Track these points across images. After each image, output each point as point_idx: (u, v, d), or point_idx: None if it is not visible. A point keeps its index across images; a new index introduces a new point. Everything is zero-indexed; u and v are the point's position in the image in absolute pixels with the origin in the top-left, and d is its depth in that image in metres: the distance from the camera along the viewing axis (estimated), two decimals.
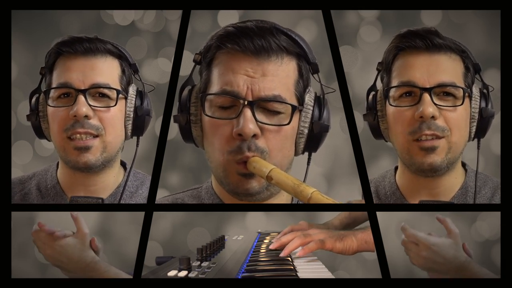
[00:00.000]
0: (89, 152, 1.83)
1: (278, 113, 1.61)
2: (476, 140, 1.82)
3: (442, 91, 1.76)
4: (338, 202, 1.51)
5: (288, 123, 1.62)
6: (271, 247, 1.81)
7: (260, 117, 1.60)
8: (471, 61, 1.79)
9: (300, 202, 1.73)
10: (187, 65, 1.91)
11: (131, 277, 1.73)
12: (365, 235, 1.78)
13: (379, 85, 1.85)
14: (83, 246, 1.67)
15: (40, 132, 1.88)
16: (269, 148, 1.61)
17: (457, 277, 1.66)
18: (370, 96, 1.84)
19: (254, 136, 1.59)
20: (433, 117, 1.74)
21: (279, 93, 1.60)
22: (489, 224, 2.08)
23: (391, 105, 1.79)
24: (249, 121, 1.58)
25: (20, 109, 2.00)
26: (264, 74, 1.60)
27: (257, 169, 1.58)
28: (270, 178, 1.57)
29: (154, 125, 2.01)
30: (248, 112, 1.59)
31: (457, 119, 1.76)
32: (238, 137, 1.59)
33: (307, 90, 1.67)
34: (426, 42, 1.76)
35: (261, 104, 1.60)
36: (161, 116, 1.84)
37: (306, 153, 1.69)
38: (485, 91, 1.81)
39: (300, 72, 1.65)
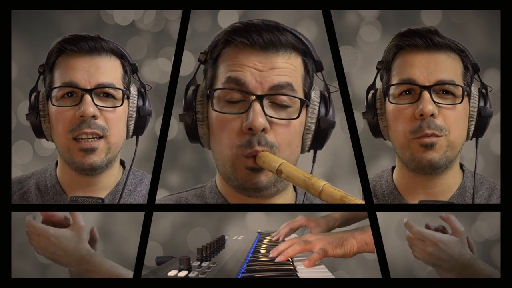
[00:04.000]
0: (95, 153, 1.82)
1: (286, 107, 1.62)
2: (474, 139, 1.83)
3: (441, 89, 1.77)
4: (349, 195, 1.51)
5: (297, 117, 1.62)
6: (271, 255, 1.79)
7: (269, 111, 1.60)
8: (470, 61, 1.80)
9: (306, 202, 1.73)
10: (187, 65, 1.91)
11: (128, 270, 1.72)
12: (365, 236, 1.78)
13: (378, 84, 1.86)
14: (79, 238, 1.67)
15: (40, 132, 1.86)
16: (278, 142, 1.61)
17: (462, 274, 1.66)
18: (370, 95, 1.85)
19: (263, 130, 1.60)
20: (432, 115, 1.75)
21: (291, 81, 1.61)
22: (489, 224, 2.08)
23: (391, 102, 1.80)
24: (258, 115, 1.58)
25: (20, 109, 2.00)
26: (272, 67, 1.60)
27: (267, 164, 1.58)
28: (280, 172, 1.57)
29: (154, 125, 2.01)
30: (257, 106, 1.59)
31: (455, 117, 1.77)
32: (248, 131, 1.59)
33: (313, 87, 1.67)
34: (426, 40, 1.77)
35: (270, 98, 1.60)
36: (161, 116, 1.84)
37: (311, 152, 1.70)
38: (483, 90, 1.82)
39: (306, 68, 1.65)
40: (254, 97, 1.59)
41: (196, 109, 1.66)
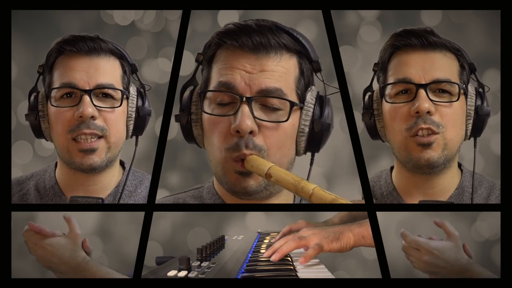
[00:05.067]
0: (95, 154, 1.82)
1: (276, 109, 1.60)
2: (472, 139, 1.83)
3: (437, 87, 1.77)
4: (340, 197, 1.50)
5: (286, 120, 1.61)
6: (264, 255, 1.77)
7: (258, 113, 1.60)
8: (466, 60, 1.81)
9: (303, 202, 1.73)
10: (187, 65, 1.91)
11: (124, 276, 1.72)
12: (362, 230, 1.77)
13: (375, 85, 1.86)
14: (75, 246, 1.67)
15: (39, 132, 1.86)
16: (268, 146, 1.60)
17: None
18: (367, 96, 1.85)
19: (252, 133, 1.59)
20: (428, 113, 1.75)
21: (280, 87, 1.60)
22: (489, 224, 2.08)
23: (387, 102, 1.80)
24: (246, 117, 1.57)
25: (20, 109, 2.00)
26: (262, 69, 1.59)
27: (255, 168, 1.57)
28: (269, 175, 1.56)
29: (154, 125, 2.01)
30: (245, 108, 1.58)
31: (452, 115, 1.77)
32: (235, 133, 1.58)
33: (309, 89, 1.66)
34: (421, 40, 1.77)
35: (260, 100, 1.60)
36: (161, 116, 1.84)
37: (309, 154, 1.68)
38: (480, 89, 1.82)
39: (301, 69, 1.64)
40: (243, 99, 1.58)
41: (190, 109, 1.66)
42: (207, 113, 1.62)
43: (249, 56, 1.60)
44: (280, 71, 1.61)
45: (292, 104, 1.61)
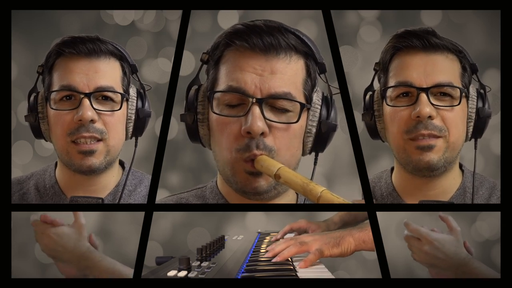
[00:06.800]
0: (94, 156, 1.82)
1: (286, 111, 1.61)
2: (473, 140, 1.82)
3: (439, 91, 1.76)
4: (347, 202, 1.51)
5: (297, 121, 1.61)
6: (267, 255, 1.77)
7: (269, 115, 1.60)
8: (468, 61, 1.79)
9: (307, 202, 1.73)
10: (187, 65, 1.91)
11: (126, 267, 1.74)
12: (363, 234, 1.77)
13: (376, 85, 1.85)
14: (79, 236, 1.72)
15: (39, 133, 1.86)
16: (277, 146, 1.60)
17: (457, 273, 1.66)
18: (367, 97, 1.85)
19: (262, 134, 1.59)
20: (430, 117, 1.74)
21: (289, 91, 1.60)
22: (489, 224, 2.08)
23: (388, 105, 1.79)
24: (257, 119, 1.57)
25: (20, 109, 2.00)
26: (272, 72, 1.59)
27: (265, 168, 1.58)
28: (278, 176, 1.56)
29: (154, 125, 2.01)
30: (256, 109, 1.58)
31: (454, 118, 1.76)
32: (246, 135, 1.58)
33: (315, 90, 1.66)
34: (423, 41, 1.76)
35: (270, 102, 1.60)
36: (161, 116, 1.84)
37: (312, 154, 1.69)
38: (482, 91, 1.81)
39: (308, 71, 1.64)
40: (253, 101, 1.58)
41: (197, 109, 1.66)
42: (217, 113, 1.62)
43: (259, 57, 1.59)
44: (289, 73, 1.61)
45: (303, 105, 1.61)
